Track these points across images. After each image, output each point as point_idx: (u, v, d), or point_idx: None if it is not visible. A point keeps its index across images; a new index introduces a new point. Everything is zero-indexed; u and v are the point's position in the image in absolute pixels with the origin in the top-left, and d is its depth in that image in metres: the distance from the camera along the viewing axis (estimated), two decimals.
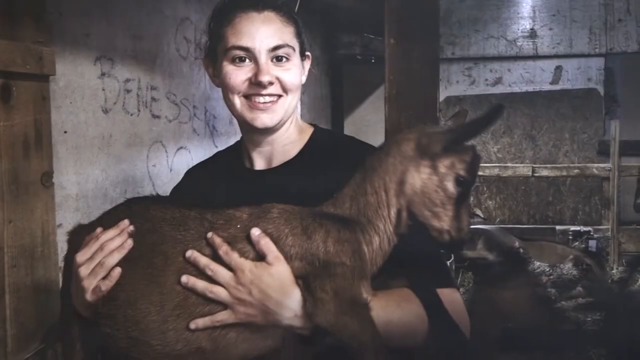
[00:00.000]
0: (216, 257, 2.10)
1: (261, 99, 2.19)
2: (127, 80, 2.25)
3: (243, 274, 2.08)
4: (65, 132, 2.23)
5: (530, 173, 4.54)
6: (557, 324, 2.15)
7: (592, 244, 2.23)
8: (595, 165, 4.63)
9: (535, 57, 3.05)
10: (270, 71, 2.18)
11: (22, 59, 2.16)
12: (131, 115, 2.27)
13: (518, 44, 2.84)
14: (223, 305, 2.09)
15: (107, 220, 2.18)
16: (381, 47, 2.28)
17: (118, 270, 2.09)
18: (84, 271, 2.10)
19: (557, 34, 3.44)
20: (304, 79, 2.29)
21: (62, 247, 2.27)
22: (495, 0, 2.89)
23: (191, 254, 2.08)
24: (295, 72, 2.21)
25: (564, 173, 5.22)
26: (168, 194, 2.40)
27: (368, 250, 2.12)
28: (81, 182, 2.33)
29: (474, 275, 2.08)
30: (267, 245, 2.07)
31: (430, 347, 2.18)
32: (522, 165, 4.25)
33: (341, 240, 2.09)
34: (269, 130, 2.24)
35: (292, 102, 2.24)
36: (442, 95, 3.14)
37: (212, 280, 2.08)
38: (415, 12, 2.19)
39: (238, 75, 2.19)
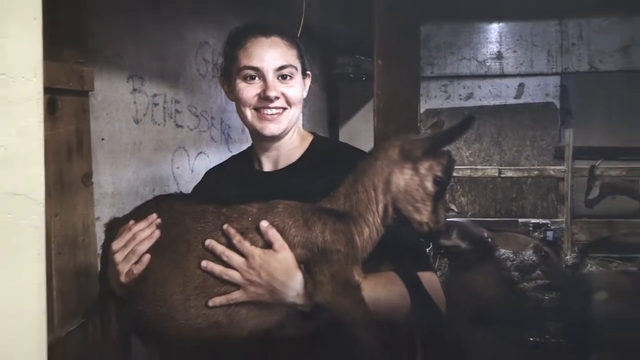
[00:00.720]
0: (230, 245, 2.10)
1: (269, 111, 2.19)
2: (155, 95, 2.24)
3: (253, 259, 2.09)
4: (103, 139, 2.21)
5: (497, 174, 4.53)
6: (520, 301, 2.16)
7: (549, 234, 2.24)
8: (552, 167, 4.62)
9: (502, 75, 3.06)
10: (276, 87, 2.19)
11: (66, 78, 2.16)
12: (158, 125, 2.26)
13: (487, 64, 2.84)
14: (236, 286, 2.10)
15: (138, 214, 2.20)
16: (370, 67, 2.28)
17: (147, 256, 2.11)
18: (118, 257, 2.12)
19: (520, 56, 3.43)
20: (305, 94, 2.29)
21: (100, 237, 2.26)
22: (467, 28, 2.89)
23: (209, 242, 2.09)
24: (297, 88, 2.21)
25: (526, 174, 5.21)
26: (190, 192, 2.39)
27: (359, 239, 2.14)
28: (116, 181, 2.32)
29: (449, 261, 2.08)
30: (274, 235, 2.09)
31: (412, 321, 2.19)
32: (490, 167, 4.24)
33: (336, 231, 2.11)
34: (276, 138, 2.24)
35: (295, 114, 2.25)
36: (422, 108, 3.15)
37: (227, 264, 2.10)
38: (400, 38, 2.20)
39: (249, 91, 2.18)
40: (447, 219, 2.21)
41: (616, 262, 2.02)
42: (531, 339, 2.26)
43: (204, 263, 2.10)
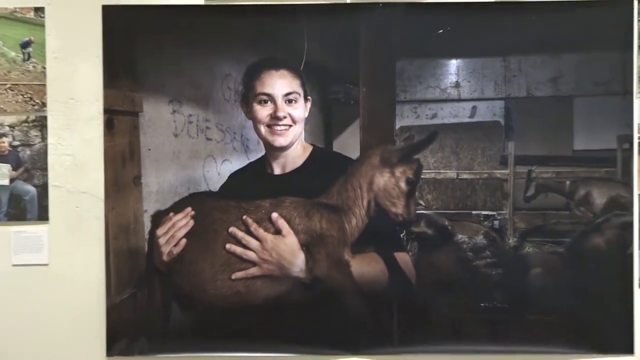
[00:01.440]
0: (248, 232, 2.10)
1: (278, 128, 2.15)
2: (190, 115, 2.21)
3: (266, 242, 2.10)
4: (149, 149, 2.19)
5: (455, 176, 4.51)
6: (473, 275, 2.14)
7: (496, 223, 2.20)
8: (498, 171, 4.58)
9: (459, 100, 2.93)
10: (284, 109, 2.14)
11: (121, 102, 2.14)
12: (192, 138, 2.23)
13: (447, 91, 2.73)
14: (253, 264, 2.11)
15: (177, 207, 2.16)
16: (357, 93, 2.28)
17: (184, 240, 2.11)
18: (161, 241, 2.12)
19: (473, 85, 3.35)
20: (306, 114, 2.25)
21: (147, 225, 2.25)
22: (432, 63, 2.82)
23: (232, 229, 2.09)
24: (300, 109, 2.18)
25: (477, 176, 5.20)
26: (217, 190, 2.37)
27: (348, 227, 2.13)
28: (159, 182, 2.29)
29: (418, 244, 2.05)
30: (282, 224, 2.09)
31: (390, 290, 2.16)
32: (450, 171, 4.18)
33: (331, 220, 2.11)
34: (284, 148, 2.20)
35: (299, 130, 2.21)
36: (397, 125, 3.05)
37: (246, 247, 2.10)
38: (379, 71, 2.20)
39: (263, 112, 2.15)
40: (417, 211, 2.22)
41: (548, 245, 2.00)
42: (482, 304, 2.23)
43: (227, 246, 2.10)
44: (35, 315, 2.21)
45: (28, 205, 2.18)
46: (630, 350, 2.16)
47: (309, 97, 2.20)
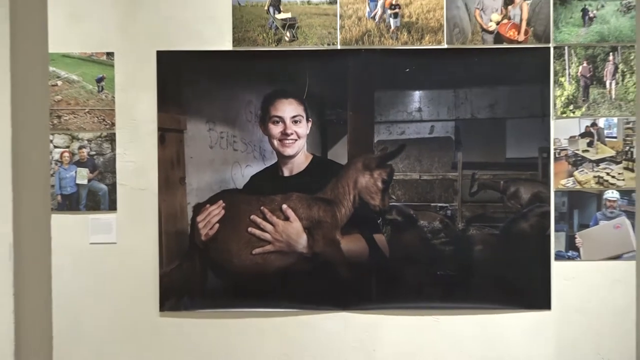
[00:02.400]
0: (265, 219, 2.06)
1: (287, 141, 2.07)
2: (221, 132, 2.15)
3: (278, 227, 2.05)
4: (191, 157, 2.13)
5: (418, 177, 4.48)
6: (431, 251, 2.06)
7: (449, 212, 2.14)
8: (450, 173, 4.52)
9: (421, 121, 2.91)
10: (291, 128, 2.07)
11: (170, 122, 2.07)
12: (223, 149, 2.17)
13: (412, 114, 2.70)
14: (268, 242, 2.07)
15: (212, 200, 2.09)
16: (345, 116, 2.22)
17: (217, 225, 2.07)
18: (200, 225, 2.08)
19: (431, 109, 3.34)
20: (307, 131, 2.19)
21: (190, 214, 2.18)
22: (401, 94, 2.78)
23: (253, 217, 2.05)
24: (303, 128, 2.09)
25: (435, 178, 5.16)
26: (242, 188, 2.31)
27: (339, 215, 2.09)
28: (199, 182, 2.23)
29: (391, 227, 1.99)
30: (290, 213, 2.05)
31: (369, 262, 2.10)
32: (414, 173, 4.15)
33: (326, 210, 2.07)
34: (291, 157, 2.11)
35: (302, 143, 2.12)
36: (375, 139, 3.01)
37: (263, 230, 2.06)
38: (362, 99, 2.14)
39: (275, 129, 2.07)
40: (390, 203, 2.15)
41: (487, 228, 1.92)
42: (438, 272, 2.16)
43: (249, 229, 2.06)
44: (105, 281, 2.13)
45: (101, 199, 2.11)
46: (548, 306, 2.08)
47: (310, 119, 2.18)
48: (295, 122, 2.12)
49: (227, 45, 2.04)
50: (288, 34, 2.06)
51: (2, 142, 1.09)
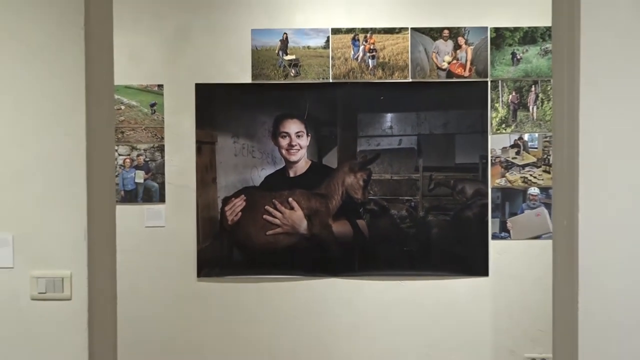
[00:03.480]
0: (276, 208, 2.25)
1: (292, 151, 2.31)
2: (243, 144, 2.31)
3: (285, 214, 2.25)
4: (221, 162, 2.27)
5: (390, 178, 4.12)
6: (399, 233, 2.00)
7: (413, 204, 2.28)
8: (414, 175, 3.73)
9: (392, 135, 2.72)
10: (295, 141, 2.29)
11: (205, 136, 2.20)
12: (245, 157, 2.32)
13: (386, 131, 2.55)
14: (278, 226, 2.25)
15: (236, 195, 2.28)
16: (336, 132, 2.28)
17: (240, 213, 2.26)
18: (227, 213, 2.27)
19: (399, 127, 3.04)
20: (307, 143, 2.33)
21: (219, 205, 2.29)
22: (377, 115, 2.61)
23: (267, 207, 2.26)
24: (305, 141, 2.31)
25: (402, 178, 4.53)
26: (258, 185, 2.36)
27: (331, 206, 2.27)
28: (226, 181, 2.33)
29: (369, 215, 2.07)
30: (294, 204, 2.24)
31: (353, 241, 2.29)
32: (387, 174, 3.73)
33: (321, 202, 2.27)
34: (295, 162, 2.32)
35: (303, 152, 2.32)
36: (358, 149, 2.78)
37: (274, 217, 2.25)
38: (348, 119, 2.28)
39: (283, 142, 2.31)
40: (369, 197, 2.34)
41: (441, 215, 2.05)
42: (405, 248, 2.28)
43: (264, 216, 2.27)
44: (156, 255, 2.38)
45: (154, 194, 2.38)
46: (486, 273, 2.36)
47: (309, 134, 2.34)
48: (298, 136, 2.31)
49: (247, 79, 2.34)
50: (293, 70, 2.34)
51: (78, 152, 1.24)
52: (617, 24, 1.06)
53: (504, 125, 2.35)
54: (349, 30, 2.33)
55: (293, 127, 2.33)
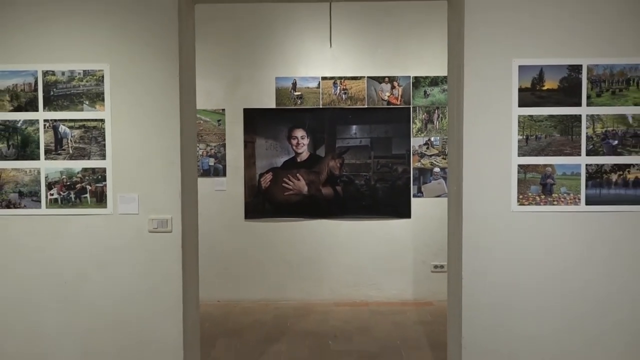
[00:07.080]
0: (290, 180, 3.30)
1: (299, 146, 3.37)
2: (271, 144, 3.16)
3: (295, 183, 3.35)
4: (257, 153, 3.12)
5: (355, 162, 3.79)
6: (360, 193, 2.85)
7: (368, 177, 3.04)
8: (368, 160, 3.56)
9: (356, 138, 2.93)
10: (301, 141, 3.37)
11: (248, 138, 3.14)
12: (271, 150, 3.17)
13: (352, 135, 2.38)
14: (291, 190, 3.28)
15: (267, 172, 3.34)
16: (324, 137, 2.98)
17: (270, 182, 3.33)
18: (262, 182, 3.38)
19: (361, 133, 3.37)
20: (307, 142, 3.36)
21: (257, 176, 3.25)
22: (347, 127, 3.11)
23: (284, 179, 3.31)
24: (306, 141, 3.33)
25: (362, 162, 3.81)
26: (280, 166, 3.37)
27: (321, 178, 3.39)
28: (261, 163, 3.25)
29: (343, 183, 2.89)
30: (300, 177, 3.28)
31: (334, 198, 3.35)
32: (353, 160, 3.43)
33: (316, 176, 3.30)
34: (300, 154, 3.35)
35: (305, 147, 3.33)
36: (337, 146, 3.07)
37: (288, 184, 3.28)
38: (331, 129, 3.04)
39: (294, 142, 3.35)
40: (343, 173, 3.56)
41: (383, 184, 2.90)
42: (363, 203, 2.94)
43: (283, 184, 3.37)
44: (221, 207, 3.63)
45: (220, 171, 3.66)
46: (409, 216, 3.71)
47: (308, 137, 3.45)
48: (302, 138, 3.43)
49: (273, 105, 3.60)
50: (299, 100, 3.58)
51: (176, 147, 1.73)
52: (485, 78, 1.69)
53: (419, 132, 3.68)
54: (331, 78, 3.67)
55: (299, 133, 3.41)
